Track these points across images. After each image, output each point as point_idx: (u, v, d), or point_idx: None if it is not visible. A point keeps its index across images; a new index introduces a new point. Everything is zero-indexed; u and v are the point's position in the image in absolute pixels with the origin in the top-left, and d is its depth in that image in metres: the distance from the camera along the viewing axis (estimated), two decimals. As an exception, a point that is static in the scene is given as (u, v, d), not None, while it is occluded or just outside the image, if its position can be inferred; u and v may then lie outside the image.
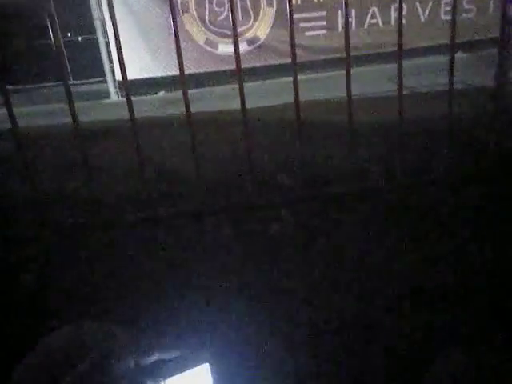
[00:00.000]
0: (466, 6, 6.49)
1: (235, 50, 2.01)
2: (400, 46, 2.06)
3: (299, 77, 2.08)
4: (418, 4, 6.57)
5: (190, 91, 2.08)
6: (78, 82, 6.56)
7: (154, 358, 0.46)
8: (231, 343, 1.38)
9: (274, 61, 6.42)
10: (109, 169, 2.64)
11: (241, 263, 1.84)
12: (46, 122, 4.27)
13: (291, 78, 2.08)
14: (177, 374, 0.47)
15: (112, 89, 6.50)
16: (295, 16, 2.06)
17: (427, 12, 6.65)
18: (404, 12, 2.06)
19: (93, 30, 6.43)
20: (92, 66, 6.67)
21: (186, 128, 2.07)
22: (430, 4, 6.59)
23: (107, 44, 6.18)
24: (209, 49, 6.44)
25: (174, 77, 5.85)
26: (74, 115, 2.02)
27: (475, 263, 1.71)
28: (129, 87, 2.14)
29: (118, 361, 0.43)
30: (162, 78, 6.34)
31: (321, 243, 1.91)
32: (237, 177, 2.32)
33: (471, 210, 1.97)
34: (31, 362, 0.42)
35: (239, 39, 2.06)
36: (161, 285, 1.75)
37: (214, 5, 6.24)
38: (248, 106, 2.07)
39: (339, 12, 6.44)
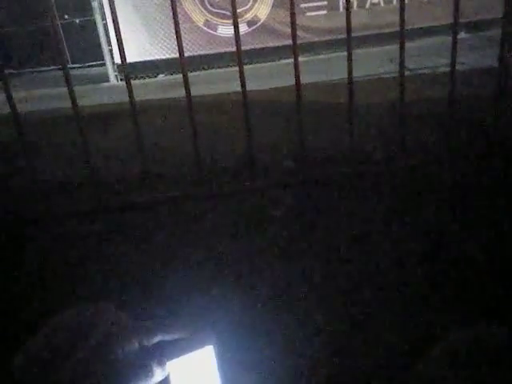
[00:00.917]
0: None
1: (235, 31, 1.99)
2: (402, 26, 2.03)
3: (300, 59, 2.05)
4: (420, -17, 6.46)
5: (189, 74, 2.06)
6: (77, 65, 6.51)
7: (157, 339, 0.46)
8: (236, 325, 1.39)
9: (275, 42, 6.35)
10: (109, 153, 2.63)
11: (244, 246, 1.84)
12: (44, 106, 4.25)
13: (292, 60, 2.05)
14: (180, 355, 0.47)
15: (111, 72, 6.44)
16: (296, -4, 2.03)
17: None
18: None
19: (91, 12, 6.34)
20: (90, 49, 6.60)
21: (186, 111, 2.06)
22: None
23: (105, 26, 6.11)
24: (208, 30, 6.36)
25: (173, 59, 5.80)
26: (73, 99, 2.00)
27: (478, 244, 1.71)
28: (128, 70, 2.12)
29: (121, 343, 0.43)
30: (161, 60, 6.29)
31: (322, 226, 1.91)
32: (238, 160, 2.32)
33: (472, 191, 1.97)
34: (31, 348, 0.42)
35: (239, 20, 2.03)
36: (164, 267, 1.76)
37: (213, -15, 6.15)
38: (248, 88, 2.06)
39: (340, -8, 6.35)
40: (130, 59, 2.30)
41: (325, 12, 6.50)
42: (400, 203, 1.99)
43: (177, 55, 2.03)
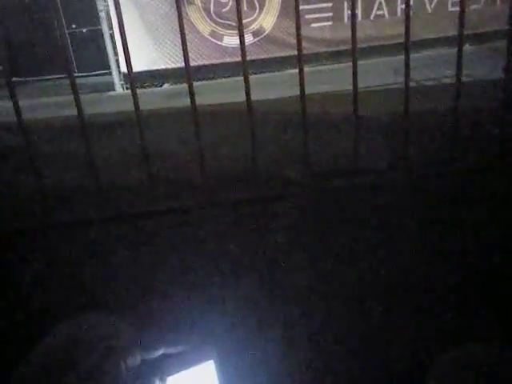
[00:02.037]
0: (474, -3, 6.42)
1: (241, 41, 2.00)
2: (407, 37, 2.04)
3: (305, 69, 2.06)
4: (425, -5, 6.51)
5: (194, 83, 2.07)
6: (84, 74, 6.56)
7: (159, 352, 0.45)
8: (237, 340, 1.38)
9: (280, 53, 6.39)
10: (114, 161, 2.64)
11: (247, 258, 1.83)
12: (50, 114, 4.28)
13: (296, 70, 2.06)
14: (181, 370, 0.46)
15: (117, 81, 6.49)
16: (301, 7, 2.04)
17: (434, 2, 6.58)
18: (410, 3, 2.03)
19: (98, 22, 6.41)
20: (97, 58, 6.66)
21: (191, 120, 2.06)
22: (438, -5, 6.52)
23: (112, 36, 6.17)
24: (214, 41, 6.41)
25: (178, 69, 5.84)
26: (79, 108, 2.01)
27: (484, 256, 1.70)
28: (134, 79, 2.13)
29: (123, 356, 0.42)
30: (166, 70, 6.33)
31: (325, 236, 1.91)
32: (242, 170, 2.32)
33: (477, 202, 1.96)
34: (32, 361, 0.42)
35: (244, 31, 2.05)
36: (166, 279, 1.75)
37: (219, -4, 6.21)
38: (253, 98, 2.06)
39: (345, 3, 6.39)
40: (135, 68, 2.32)
41: (330, 23, 6.54)
42: (403, 215, 1.98)
43: (182, 65, 2.04)
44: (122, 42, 2.00)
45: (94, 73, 6.79)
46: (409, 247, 1.81)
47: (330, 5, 6.46)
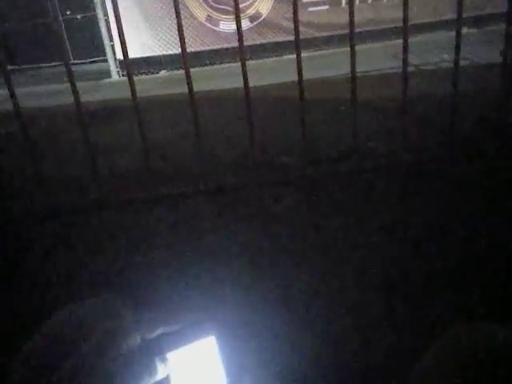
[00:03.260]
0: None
1: (237, 26, 1.98)
2: (406, 21, 2.02)
3: (302, 54, 2.05)
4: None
5: (191, 69, 2.05)
6: (79, 61, 6.50)
7: (159, 331, 0.45)
8: (238, 316, 1.39)
9: (277, 38, 6.33)
10: (111, 148, 2.64)
11: (246, 238, 1.84)
12: (47, 102, 4.25)
13: (294, 56, 2.05)
14: (181, 346, 0.46)
15: (113, 68, 6.43)
16: (298, -9, 2.02)
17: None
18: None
19: (92, 8, 6.33)
20: (92, 45, 6.59)
21: (188, 107, 2.05)
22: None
23: (107, 22, 6.09)
24: (210, 26, 6.34)
25: (175, 55, 5.79)
26: (75, 95, 2.00)
27: (484, 240, 1.71)
28: (130, 66, 2.11)
29: (123, 338, 0.42)
30: (163, 56, 6.27)
31: (323, 223, 1.91)
32: (239, 156, 2.31)
33: (474, 187, 1.96)
34: (32, 347, 0.42)
35: (241, 16, 2.03)
36: (164, 261, 1.76)
37: (215, -20, 6.12)
38: (250, 84, 2.05)
39: (343, -13, 6.31)
40: (131, 55, 2.30)
41: (327, 7, 6.47)
42: (402, 199, 1.98)
43: (179, 51, 2.03)
44: (118, 29, 1.98)
45: (89, 60, 6.72)
46: (408, 232, 1.82)
47: (327, -12, 6.38)
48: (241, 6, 2.21)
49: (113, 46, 6.22)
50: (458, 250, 1.70)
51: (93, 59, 6.72)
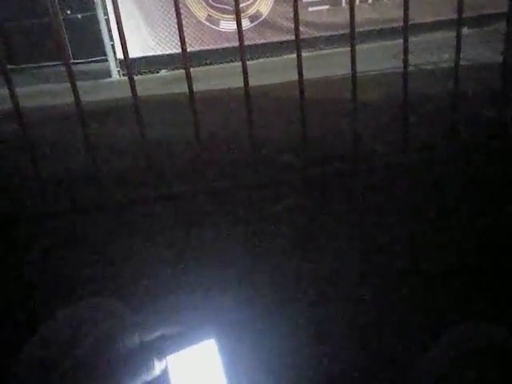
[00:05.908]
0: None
1: (238, 26, 1.98)
2: (406, 21, 2.02)
3: (302, 54, 2.04)
4: (423, -23, 6.41)
5: (191, 69, 2.05)
6: (79, 61, 6.49)
7: (158, 333, 0.46)
8: (238, 319, 1.39)
9: (277, 38, 6.32)
10: (111, 148, 2.63)
11: (246, 239, 1.84)
12: (47, 102, 4.25)
13: (294, 56, 2.05)
14: (181, 349, 0.46)
15: (113, 67, 6.42)
16: (298, -9, 2.01)
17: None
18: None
19: (93, 7, 6.32)
20: (93, 45, 6.58)
21: (188, 106, 2.05)
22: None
23: (107, 21, 6.08)
24: (210, 25, 6.34)
25: (175, 55, 5.78)
26: (75, 95, 2.00)
27: (483, 240, 1.71)
28: (131, 65, 2.11)
29: (122, 338, 0.43)
30: (163, 55, 6.27)
31: (324, 222, 1.91)
32: (240, 156, 2.31)
33: (474, 187, 1.96)
34: (33, 347, 0.42)
35: (241, 15, 2.03)
36: (164, 262, 1.76)
37: (216, -20, 6.12)
38: (251, 83, 2.05)
39: (343, -14, 6.30)
40: (132, 54, 2.30)
41: (327, 7, 6.46)
42: (402, 199, 1.98)
43: (179, 50, 2.03)
44: (118, 28, 1.98)
45: (89, 59, 6.72)
46: (408, 230, 1.82)
47: (327, -12, 6.37)
48: (241, 5, 2.21)
49: (113, 46, 6.21)
50: (458, 249, 1.70)
51: (93, 59, 6.71)
